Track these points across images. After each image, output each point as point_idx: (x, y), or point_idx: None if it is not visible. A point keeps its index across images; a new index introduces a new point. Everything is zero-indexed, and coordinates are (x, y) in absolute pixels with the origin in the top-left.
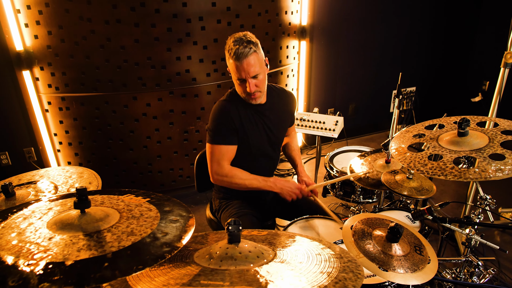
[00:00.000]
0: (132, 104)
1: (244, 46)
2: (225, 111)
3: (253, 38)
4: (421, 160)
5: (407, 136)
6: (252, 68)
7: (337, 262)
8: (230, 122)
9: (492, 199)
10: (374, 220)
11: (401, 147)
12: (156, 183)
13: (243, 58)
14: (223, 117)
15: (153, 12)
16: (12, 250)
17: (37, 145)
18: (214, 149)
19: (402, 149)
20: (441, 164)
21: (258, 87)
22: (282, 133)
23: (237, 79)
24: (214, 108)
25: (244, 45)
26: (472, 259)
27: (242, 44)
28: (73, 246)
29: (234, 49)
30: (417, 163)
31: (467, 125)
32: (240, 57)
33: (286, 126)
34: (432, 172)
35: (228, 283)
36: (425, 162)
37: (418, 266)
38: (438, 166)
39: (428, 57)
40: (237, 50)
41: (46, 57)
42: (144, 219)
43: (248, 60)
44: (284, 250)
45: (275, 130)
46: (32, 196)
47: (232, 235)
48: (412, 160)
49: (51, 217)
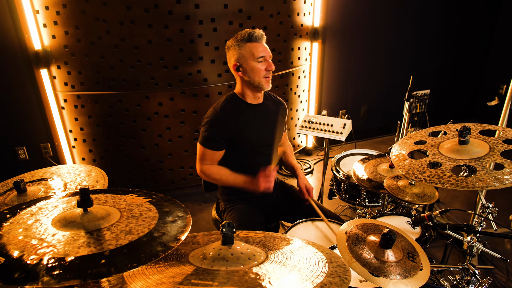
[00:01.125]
0: (145, 103)
1: (258, 32)
2: (219, 121)
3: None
4: (420, 167)
5: (408, 142)
6: (268, 48)
7: (326, 267)
8: (222, 131)
9: (495, 207)
10: (370, 225)
11: (401, 153)
12: (167, 181)
13: (261, 39)
14: (215, 126)
15: (166, 13)
16: (18, 244)
17: (53, 141)
18: (202, 150)
19: (402, 156)
20: (439, 172)
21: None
22: (277, 134)
23: (257, 58)
24: (210, 113)
25: (258, 31)
26: (469, 267)
27: (255, 30)
28: (74, 243)
29: (249, 32)
30: (416, 171)
31: (468, 134)
32: (258, 38)
33: (280, 128)
34: (430, 179)
35: (217, 283)
36: (423, 169)
37: (409, 273)
38: (436, 174)
39: (443, 59)
40: (253, 33)
41: (63, 56)
42: (143, 219)
43: (263, 43)
44: (276, 252)
45: (270, 129)
46: (42, 193)
47: (225, 236)
48: (411, 167)
49: (56, 215)
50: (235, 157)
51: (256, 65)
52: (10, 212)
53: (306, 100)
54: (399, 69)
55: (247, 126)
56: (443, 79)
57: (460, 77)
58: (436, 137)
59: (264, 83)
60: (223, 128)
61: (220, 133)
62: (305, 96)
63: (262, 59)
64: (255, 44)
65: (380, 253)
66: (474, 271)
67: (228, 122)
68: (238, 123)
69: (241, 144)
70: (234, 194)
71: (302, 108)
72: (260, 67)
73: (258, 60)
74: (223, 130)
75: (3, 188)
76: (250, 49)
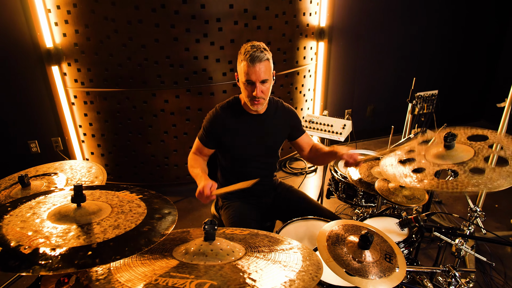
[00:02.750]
0: (151, 100)
1: (260, 52)
2: (214, 120)
3: (268, 49)
4: (403, 173)
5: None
6: (263, 73)
7: (301, 264)
8: (214, 130)
9: (482, 211)
10: (353, 226)
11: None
12: (172, 176)
13: (257, 62)
14: (210, 125)
15: (172, 13)
16: (15, 235)
17: (63, 135)
18: (196, 141)
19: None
20: (422, 176)
21: (263, 93)
22: (276, 143)
23: (245, 81)
24: (210, 112)
25: (260, 51)
26: (450, 269)
27: (259, 49)
28: (66, 235)
29: (250, 51)
30: (400, 176)
31: (453, 140)
32: (254, 60)
33: (281, 137)
34: (411, 183)
35: (193, 276)
36: (406, 175)
37: (384, 273)
38: (418, 178)
39: (451, 59)
40: (253, 53)
41: (73, 54)
42: (132, 215)
43: (260, 65)
44: (256, 249)
45: (268, 139)
46: (44, 187)
47: (207, 233)
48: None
49: (53, 209)
50: (224, 161)
51: (243, 86)
52: (11, 205)
53: (311, 99)
54: (406, 69)
55: (238, 134)
56: (451, 79)
57: (469, 77)
58: (427, 144)
59: (250, 105)
60: (214, 127)
61: (210, 130)
62: (311, 95)
63: (248, 82)
64: (250, 65)
65: (358, 254)
66: (454, 273)
67: (219, 125)
68: (229, 129)
69: (228, 149)
70: (232, 192)
71: (308, 107)
72: (245, 89)
73: (246, 82)
74: (213, 129)
75: (10, 181)
76: (242, 69)
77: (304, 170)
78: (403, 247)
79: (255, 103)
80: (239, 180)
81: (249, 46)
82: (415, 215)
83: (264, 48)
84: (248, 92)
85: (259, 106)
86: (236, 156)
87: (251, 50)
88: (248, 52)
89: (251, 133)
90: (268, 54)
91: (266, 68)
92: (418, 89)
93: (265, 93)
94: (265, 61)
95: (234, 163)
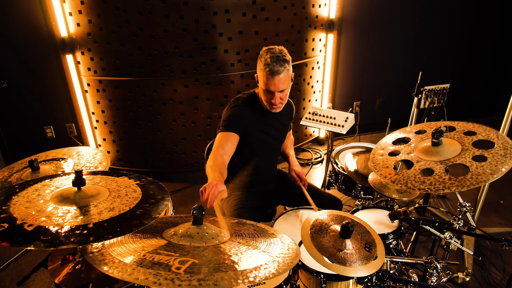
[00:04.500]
0: (161, 89)
1: (280, 65)
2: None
3: (287, 55)
4: (388, 171)
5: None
6: (281, 84)
7: (279, 251)
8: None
9: (471, 207)
10: (341, 217)
11: (380, 152)
12: (180, 163)
13: (276, 75)
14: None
15: (182, 4)
16: (21, 214)
17: (77, 121)
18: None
19: (381, 155)
20: (407, 173)
21: (282, 99)
22: (284, 135)
23: (264, 89)
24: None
25: (280, 64)
26: (432, 261)
27: (279, 62)
28: (65, 215)
29: (270, 65)
30: (384, 172)
31: (440, 136)
32: (273, 73)
33: (287, 130)
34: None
35: (178, 254)
36: (390, 173)
37: (362, 261)
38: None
39: (464, 51)
40: (273, 67)
41: (87, 43)
42: (127, 199)
43: (279, 77)
44: (240, 236)
45: (279, 132)
46: (52, 171)
47: (195, 218)
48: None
49: (56, 191)
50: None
51: (261, 91)
52: (19, 187)
53: (319, 90)
54: (417, 62)
55: (255, 128)
56: (463, 72)
57: (482, 70)
58: (421, 134)
59: (269, 108)
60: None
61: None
62: (319, 86)
63: (267, 91)
64: (269, 77)
65: (339, 242)
66: (436, 264)
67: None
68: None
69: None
70: (234, 181)
71: (316, 99)
72: (264, 95)
73: (265, 90)
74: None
75: (22, 165)
76: (261, 77)
77: (310, 161)
78: (392, 238)
79: (273, 107)
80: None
81: (269, 58)
82: (404, 208)
83: (283, 59)
84: (267, 98)
85: (277, 110)
86: (250, 148)
87: (271, 63)
88: (268, 65)
89: (266, 128)
90: (287, 64)
91: (284, 79)
92: (429, 82)
93: (283, 99)
94: (284, 72)
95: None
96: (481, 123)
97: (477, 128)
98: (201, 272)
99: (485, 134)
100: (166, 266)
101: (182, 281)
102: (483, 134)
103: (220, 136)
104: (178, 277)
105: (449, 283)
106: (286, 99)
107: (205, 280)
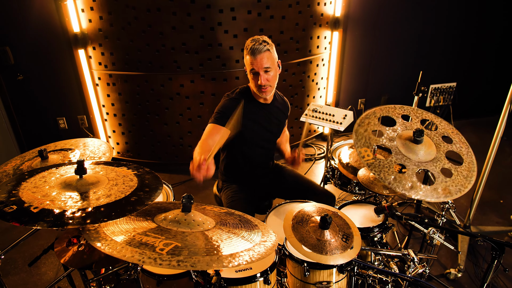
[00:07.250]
0: (168, 84)
1: (259, 44)
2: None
3: (269, 40)
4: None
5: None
6: (264, 62)
7: (259, 239)
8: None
9: (453, 204)
10: (325, 210)
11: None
12: (186, 156)
13: (257, 54)
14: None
15: (189, 2)
16: (28, 198)
17: (88, 113)
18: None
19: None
20: (383, 162)
21: (269, 81)
22: (278, 130)
23: (250, 72)
24: (226, 98)
25: (259, 43)
26: (409, 253)
27: (258, 41)
28: (67, 200)
29: (250, 45)
30: (363, 151)
31: (421, 135)
32: (255, 52)
33: (282, 126)
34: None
35: (164, 237)
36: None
37: (338, 251)
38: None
39: (471, 49)
40: (253, 46)
41: (98, 39)
42: (123, 187)
43: (261, 55)
44: (225, 224)
45: (273, 126)
46: (60, 160)
47: (184, 205)
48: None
49: (60, 178)
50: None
51: (250, 77)
52: (29, 174)
53: (324, 87)
54: (423, 60)
55: (248, 119)
56: (470, 70)
57: (490, 69)
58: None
59: (259, 93)
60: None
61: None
62: (324, 83)
63: (252, 73)
64: (252, 57)
65: (318, 233)
66: (413, 257)
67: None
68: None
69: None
70: (230, 174)
71: (320, 95)
72: (252, 80)
73: (251, 73)
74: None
75: (33, 154)
76: (247, 61)
77: (313, 156)
78: (377, 232)
79: (262, 91)
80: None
81: (249, 41)
82: (388, 203)
83: (263, 41)
84: (255, 82)
85: (266, 94)
86: (243, 140)
87: (251, 44)
88: (249, 46)
89: (259, 120)
90: (268, 45)
91: (267, 58)
92: (435, 80)
93: (270, 81)
94: (266, 51)
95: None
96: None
97: (455, 135)
98: (182, 254)
99: (458, 145)
100: (151, 247)
101: (163, 261)
102: (457, 145)
103: (211, 127)
104: (161, 257)
105: (441, 279)
106: (274, 82)
107: (183, 261)
